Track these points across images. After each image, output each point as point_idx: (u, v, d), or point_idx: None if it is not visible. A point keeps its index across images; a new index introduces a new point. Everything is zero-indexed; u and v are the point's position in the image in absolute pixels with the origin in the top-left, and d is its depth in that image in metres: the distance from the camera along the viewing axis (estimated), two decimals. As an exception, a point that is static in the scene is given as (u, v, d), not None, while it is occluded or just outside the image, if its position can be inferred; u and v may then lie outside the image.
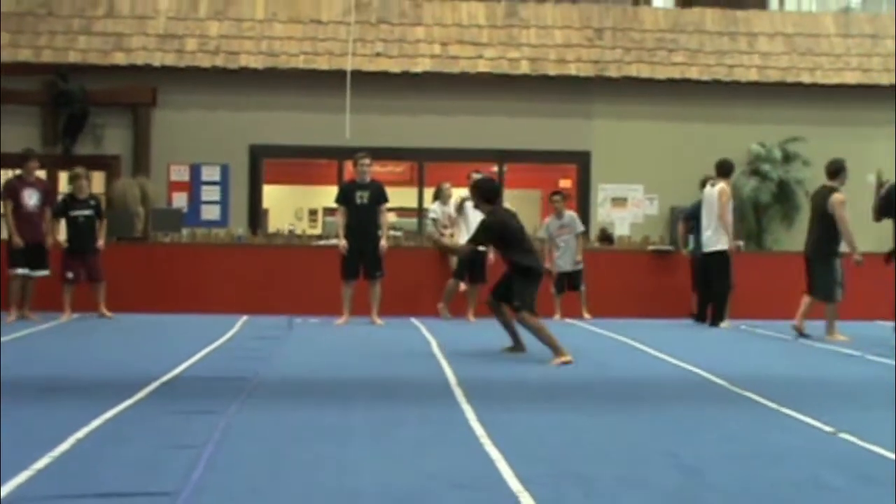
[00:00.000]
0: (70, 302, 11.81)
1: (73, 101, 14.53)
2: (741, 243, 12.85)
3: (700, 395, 6.83)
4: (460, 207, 12.77)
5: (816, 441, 5.27)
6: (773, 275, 13.06)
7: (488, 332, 10.36)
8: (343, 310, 11.90)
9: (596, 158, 15.43)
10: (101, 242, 12.01)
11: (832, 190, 10.55)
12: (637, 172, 15.40)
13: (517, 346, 9.01)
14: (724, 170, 11.95)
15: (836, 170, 10.72)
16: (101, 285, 11.99)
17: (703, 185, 12.48)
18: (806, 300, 10.60)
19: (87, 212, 11.94)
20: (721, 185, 11.83)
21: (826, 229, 10.43)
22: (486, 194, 8.87)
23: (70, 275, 11.83)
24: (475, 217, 12.56)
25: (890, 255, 10.49)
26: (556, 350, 8.39)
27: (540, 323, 8.59)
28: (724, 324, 11.76)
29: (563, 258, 12.98)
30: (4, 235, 12.26)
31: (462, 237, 12.62)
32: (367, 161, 11.91)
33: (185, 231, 14.09)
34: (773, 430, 5.57)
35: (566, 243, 13.02)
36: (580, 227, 13.19)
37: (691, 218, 12.66)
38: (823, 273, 10.40)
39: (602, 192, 15.50)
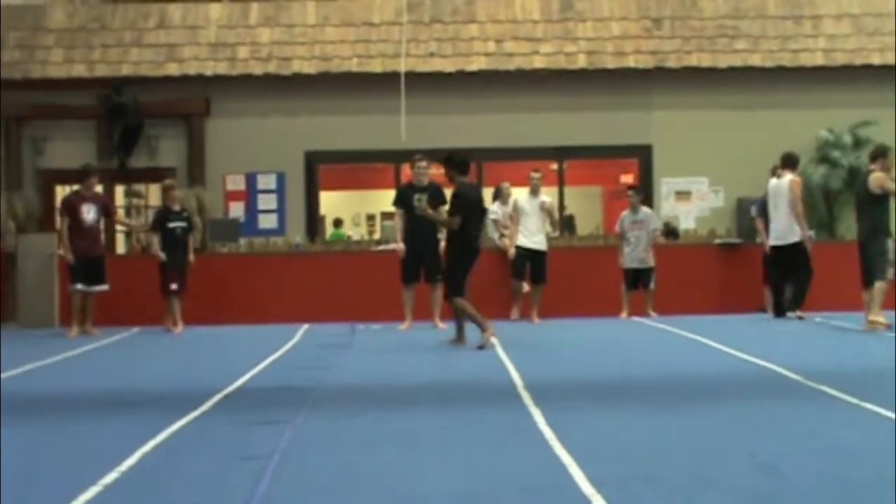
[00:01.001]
0: (180, 312, 12.01)
1: (127, 114, 14.76)
2: (811, 233, 12.67)
3: (774, 391, 6.75)
4: (514, 206, 12.78)
5: (899, 435, 5.17)
6: (846, 264, 12.77)
7: (553, 332, 10.32)
8: (405, 315, 11.94)
9: (658, 152, 15.30)
10: (191, 256, 12.24)
11: (870, 172, 10.55)
12: (701, 165, 15.24)
13: (459, 339, 9.73)
14: (790, 162, 11.93)
15: (876, 155, 10.72)
16: (181, 299, 12.17)
17: (773, 173, 12.37)
18: (866, 295, 10.44)
19: (182, 224, 12.19)
20: (790, 176, 11.76)
21: (871, 212, 10.39)
22: (460, 166, 9.67)
23: (174, 286, 12.03)
24: (532, 211, 12.58)
25: None
26: (483, 328, 9.31)
27: (464, 304, 9.52)
28: (798, 312, 11.66)
29: (633, 254, 12.92)
30: (62, 251, 12.50)
31: (518, 236, 12.63)
32: (423, 163, 11.94)
33: (242, 241, 14.23)
34: (851, 425, 5.48)
35: (637, 239, 12.95)
36: (655, 224, 13.14)
37: (764, 210, 12.51)
38: (873, 252, 10.35)
39: (665, 186, 15.36)
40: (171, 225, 12.12)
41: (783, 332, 10.68)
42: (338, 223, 17.42)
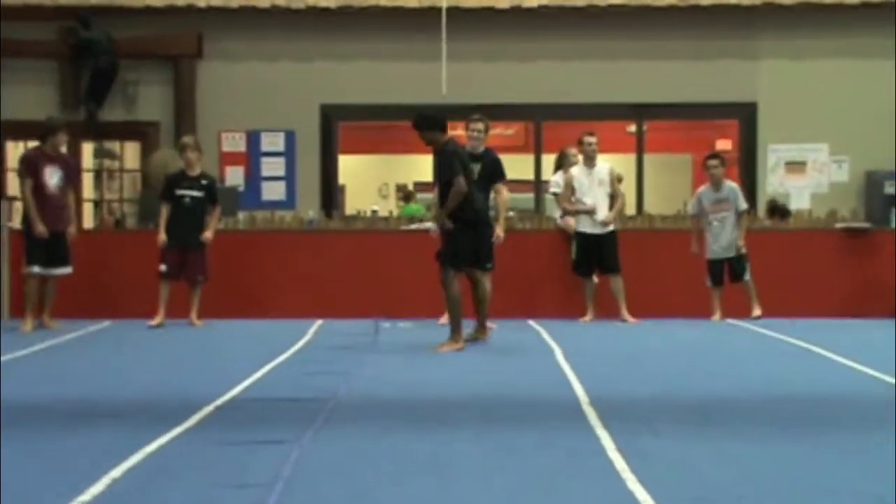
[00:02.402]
0: (166, 302, 12.04)
1: (98, 54, 14.83)
2: None
3: (908, 417, 6.67)
4: (566, 181, 12.72)
5: None
6: None
7: (628, 337, 10.30)
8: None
9: (764, 111, 15.18)
10: (208, 234, 12.22)
11: None
12: (819, 128, 15.09)
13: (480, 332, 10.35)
14: None
15: None
16: (198, 289, 12.20)
17: None
18: None
19: (196, 192, 12.19)
20: None
21: None
22: (439, 123, 10.14)
23: (163, 267, 12.07)
24: (591, 185, 12.52)
25: None
26: (453, 332, 9.87)
27: (456, 293, 10.00)
28: None
29: (719, 241, 12.81)
30: (17, 224, 12.60)
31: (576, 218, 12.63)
32: (480, 126, 11.63)
33: (241, 215, 14.29)
34: None
35: (722, 223, 12.85)
36: (743, 205, 12.99)
37: None
38: None
39: (773, 155, 15.24)
40: (181, 192, 12.16)
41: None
42: (408, 196, 17.27)
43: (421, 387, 7.88)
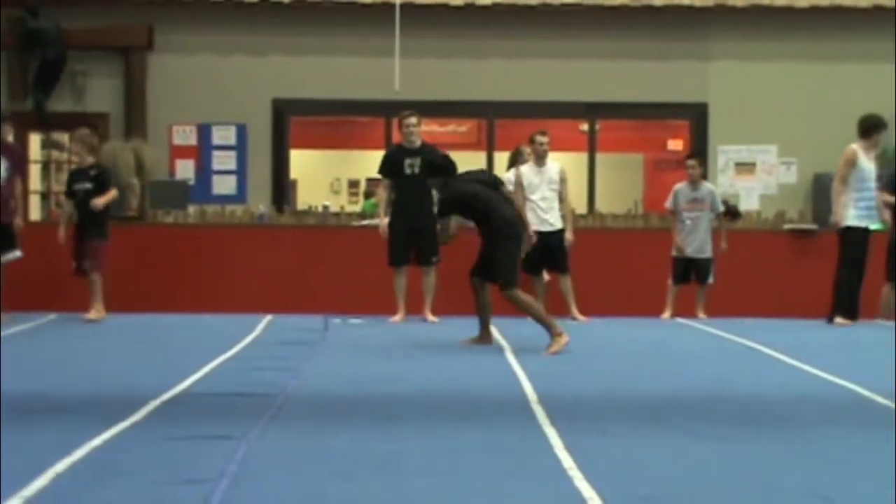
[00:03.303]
0: (95, 296, 11.85)
1: (46, 44, 14.69)
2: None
3: (855, 418, 6.73)
4: (516, 179, 12.69)
5: None
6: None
7: (578, 335, 10.31)
8: (397, 305, 12.00)
9: (715, 112, 15.26)
10: (97, 201, 11.70)
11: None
12: (769, 130, 15.20)
13: (484, 337, 9.98)
14: (863, 127, 11.93)
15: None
16: (92, 280, 11.99)
17: None
18: None
19: (87, 185, 12.02)
20: (851, 145, 11.82)
21: None
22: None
23: (74, 264, 11.95)
24: (541, 184, 12.52)
25: None
26: (553, 329, 9.47)
27: (527, 300, 9.76)
28: (839, 320, 11.81)
29: (690, 241, 12.88)
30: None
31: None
32: (413, 120, 11.99)
33: (191, 208, 14.22)
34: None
35: (695, 222, 12.91)
36: (719, 206, 13.10)
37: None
38: None
39: (723, 156, 15.33)
40: (76, 187, 12.01)
41: (870, 345, 10.65)
42: (369, 193, 17.19)
43: (370, 383, 7.86)
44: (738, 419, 6.65)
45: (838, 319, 11.86)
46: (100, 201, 11.76)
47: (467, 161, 15.79)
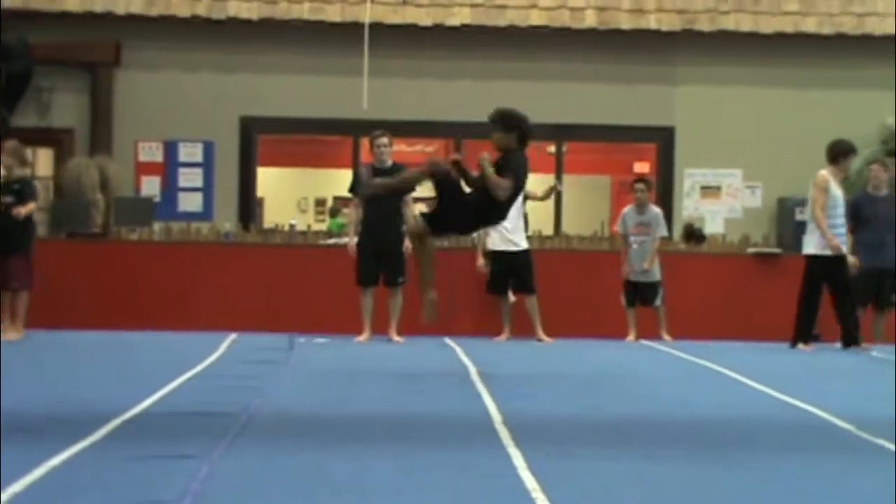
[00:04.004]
0: (11, 312, 11.68)
1: (11, 58, 14.61)
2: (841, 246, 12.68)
3: (816, 442, 6.75)
4: None
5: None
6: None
7: (543, 357, 10.32)
8: (363, 325, 11.99)
9: (682, 136, 15.34)
10: (19, 209, 11.43)
11: None
12: (734, 154, 15.29)
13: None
14: (832, 153, 11.83)
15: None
16: (12, 296, 11.62)
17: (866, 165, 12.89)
18: None
19: (8, 198, 11.78)
20: (822, 172, 11.77)
21: None
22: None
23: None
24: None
25: None
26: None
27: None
28: (802, 346, 11.73)
29: (637, 263, 12.91)
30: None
31: (490, 238, 12.63)
32: (385, 140, 12.04)
33: (157, 226, 14.15)
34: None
35: (641, 246, 12.95)
36: (662, 232, 13.12)
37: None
38: None
39: (689, 179, 15.41)
40: (6, 200, 11.79)
41: (832, 369, 10.71)
42: (335, 211, 17.17)
43: (335, 403, 7.83)
44: (702, 442, 6.65)
45: (855, 346, 11.64)
46: (21, 210, 11.57)
47: (434, 181, 15.82)
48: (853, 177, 13.26)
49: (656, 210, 13.32)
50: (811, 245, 11.72)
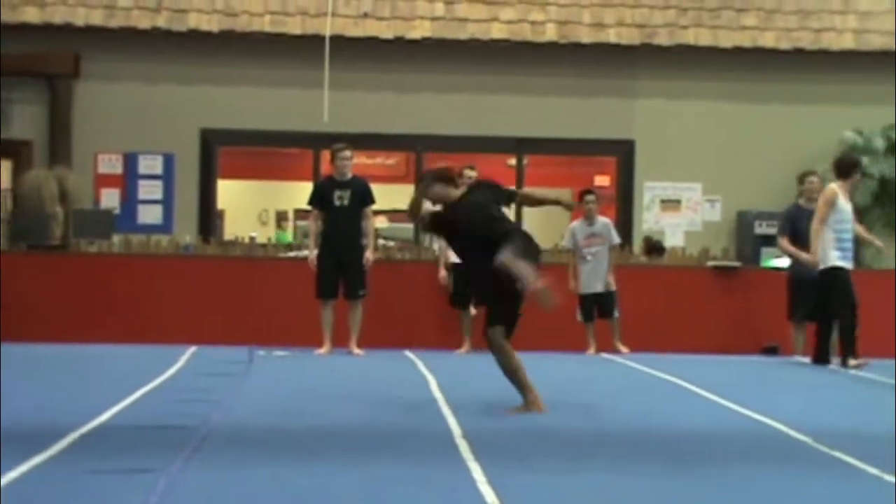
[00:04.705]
0: None
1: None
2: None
3: (774, 454, 6.79)
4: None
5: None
6: (876, 299, 12.90)
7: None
8: (323, 338, 11.97)
9: (641, 149, 15.41)
10: None
11: None
12: (694, 167, 15.37)
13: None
14: (842, 167, 11.70)
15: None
16: None
17: (800, 180, 12.70)
18: None
19: None
20: (831, 185, 11.68)
21: None
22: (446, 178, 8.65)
23: None
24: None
25: None
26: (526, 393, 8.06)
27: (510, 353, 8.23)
28: (853, 361, 11.38)
29: (592, 276, 12.91)
30: None
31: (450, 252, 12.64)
32: (347, 154, 12.07)
33: (116, 238, 14.07)
34: (870, 501, 5.52)
35: (595, 257, 12.97)
36: (615, 239, 13.14)
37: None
38: None
39: (649, 192, 15.47)
40: None
41: (790, 381, 10.78)
42: (281, 221, 17.16)
43: (295, 416, 7.80)
44: (661, 454, 6.68)
45: (853, 361, 11.36)
46: None
47: (395, 194, 15.84)
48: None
49: (605, 220, 13.34)
50: (827, 259, 11.43)
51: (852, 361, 11.34)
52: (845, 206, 11.57)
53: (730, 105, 15.35)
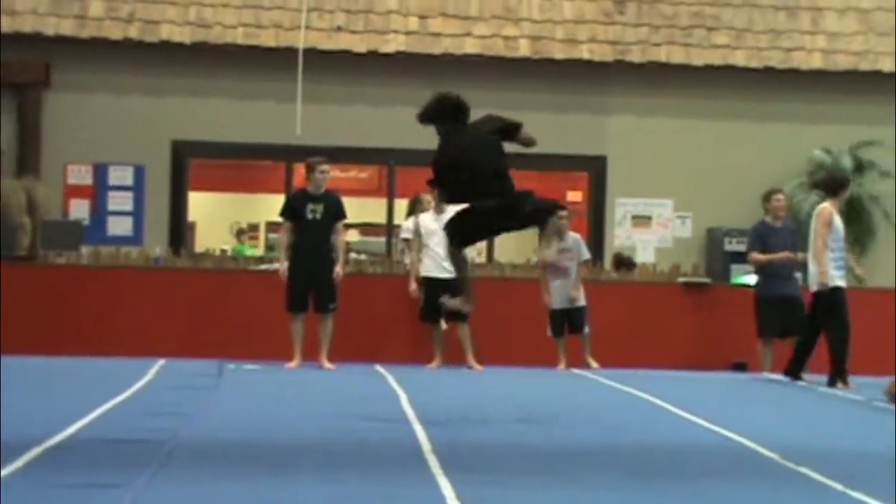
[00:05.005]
0: None
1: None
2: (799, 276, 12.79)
3: (741, 470, 6.80)
4: (415, 228, 12.72)
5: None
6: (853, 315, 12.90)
7: (474, 385, 10.32)
8: (293, 351, 11.94)
9: (613, 165, 15.44)
10: None
11: None
12: (665, 184, 15.41)
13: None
14: (831, 185, 11.64)
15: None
16: None
17: (766, 198, 12.73)
18: None
19: None
20: (825, 205, 11.56)
21: None
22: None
23: None
24: (439, 231, 12.55)
25: None
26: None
27: None
28: (842, 384, 11.26)
29: (562, 292, 12.90)
30: None
31: (424, 265, 12.59)
32: (326, 168, 12.12)
33: (85, 250, 13.99)
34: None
35: (566, 273, 12.98)
36: (586, 255, 13.16)
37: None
38: None
39: (620, 209, 15.51)
40: None
41: (758, 398, 10.82)
42: (240, 233, 17.15)
43: (263, 430, 7.76)
44: (630, 470, 6.67)
45: (840, 384, 11.21)
46: None
47: (368, 208, 15.84)
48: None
49: (575, 235, 13.35)
50: (828, 279, 11.29)
51: (841, 384, 11.19)
52: (839, 224, 11.47)
53: (701, 122, 15.41)
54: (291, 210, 12.06)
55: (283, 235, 12.24)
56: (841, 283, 11.44)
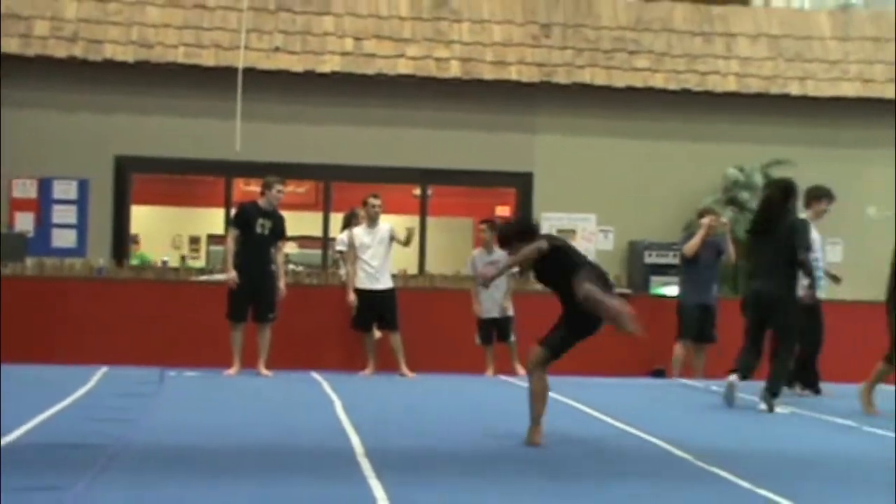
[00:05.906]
0: None
1: None
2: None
3: (656, 470, 6.87)
4: (349, 241, 12.70)
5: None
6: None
7: (406, 391, 10.31)
8: (233, 359, 11.89)
9: (539, 181, 15.53)
10: None
11: None
12: (589, 199, 15.53)
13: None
14: (810, 198, 11.44)
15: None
16: None
17: (700, 216, 12.87)
18: (880, 367, 9.99)
19: None
20: (802, 215, 11.31)
21: None
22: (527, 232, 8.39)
23: None
24: (374, 244, 12.55)
25: None
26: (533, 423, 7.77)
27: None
28: (808, 391, 11.20)
29: (490, 301, 12.96)
30: None
31: (357, 277, 12.58)
32: (282, 188, 12.15)
33: (29, 261, 13.84)
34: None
35: (495, 285, 13.01)
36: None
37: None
38: None
39: (546, 223, 15.58)
40: None
41: (673, 402, 10.91)
42: (134, 240, 16.85)
43: (202, 435, 7.72)
44: (554, 474, 6.72)
45: (806, 391, 11.15)
46: None
47: (305, 221, 15.81)
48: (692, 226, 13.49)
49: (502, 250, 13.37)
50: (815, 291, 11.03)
51: (799, 389, 11.17)
52: (816, 235, 11.26)
53: (623, 141, 15.56)
54: (245, 221, 12.03)
55: (231, 243, 12.15)
56: (820, 294, 11.34)
